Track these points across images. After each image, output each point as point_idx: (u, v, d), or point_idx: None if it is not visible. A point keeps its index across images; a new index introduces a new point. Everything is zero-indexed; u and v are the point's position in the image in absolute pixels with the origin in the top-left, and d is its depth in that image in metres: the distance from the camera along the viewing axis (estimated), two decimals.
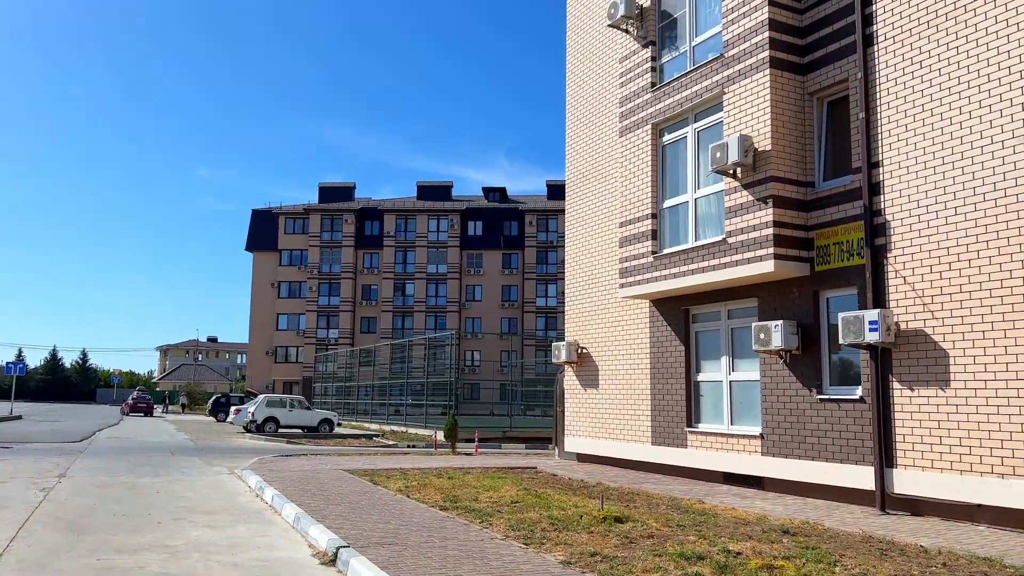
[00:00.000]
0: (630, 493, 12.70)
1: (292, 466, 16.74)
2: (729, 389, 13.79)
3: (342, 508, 10.62)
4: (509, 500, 11.41)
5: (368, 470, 15.78)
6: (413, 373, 41.44)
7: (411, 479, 14.18)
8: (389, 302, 72.32)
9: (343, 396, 51.05)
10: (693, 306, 14.62)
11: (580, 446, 17.68)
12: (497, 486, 13.06)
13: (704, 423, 14.31)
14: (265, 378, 72.59)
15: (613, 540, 8.28)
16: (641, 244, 14.87)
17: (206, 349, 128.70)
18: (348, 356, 54.20)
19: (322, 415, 33.10)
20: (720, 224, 13.34)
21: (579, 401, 17.76)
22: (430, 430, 33.50)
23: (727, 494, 12.62)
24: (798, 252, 12.20)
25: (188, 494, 12.84)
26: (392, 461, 18.28)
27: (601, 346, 17.12)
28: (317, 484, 13.38)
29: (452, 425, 22.03)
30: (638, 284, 14.86)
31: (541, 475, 15.45)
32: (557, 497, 11.83)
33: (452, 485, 13.28)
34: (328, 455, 20.20)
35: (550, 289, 71.08)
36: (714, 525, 9.47)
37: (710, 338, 14.37)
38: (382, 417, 42.09)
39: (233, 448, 24.22)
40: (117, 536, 9.00)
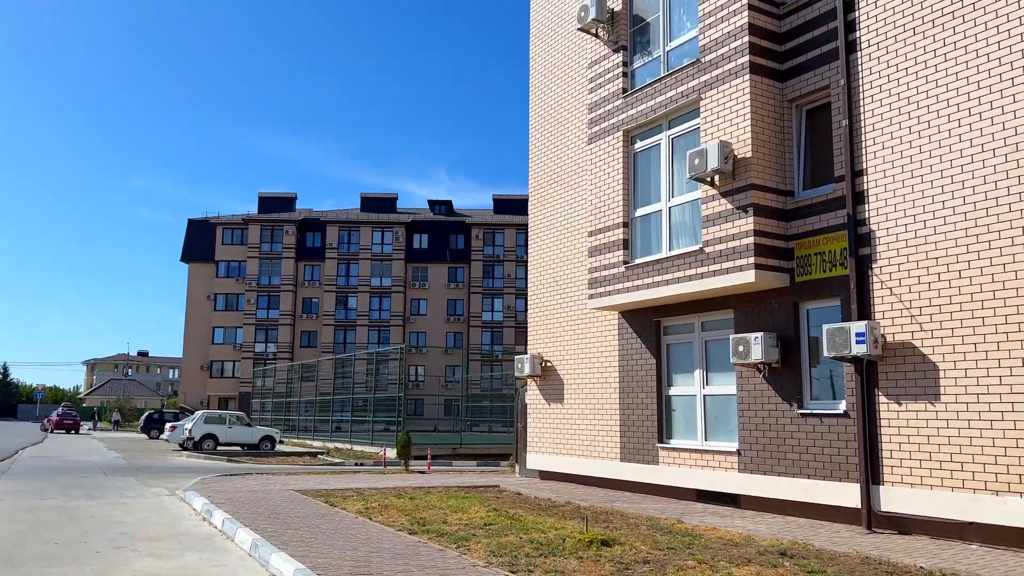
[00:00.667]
0: (603, 513, 12.13)
1: (238, 486, 15.72)
2: (703, 404, 13.36)
3: (302, 533, 9.78)
4: (481, 522, 10.72)
5: (322, 490, 14.89)
6: (357, 389, 40.33)
7: (370, 500, 13.36)
8: (331, 316, 70.74)
9: (282, 412, 49.43)
10: (665, 318, 14.19)
11: (543, 463, 17.07)
12: (464, 507, 12.35)
13: (676, 439, 13.85)
14: (200, 393, 70.11)
15: (607, 567, 7.68)
16: (612, 254, 14.40)
17: (136, 363, 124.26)
18: (288, 371, 52.60)
19: (263, 432, 31.79)
20: (696, 233, 12.95)
21: (542, 416, 17.16)
22: (377, 447, 32.47)
23: (704, 513, 12.15)
24: (778, 262, 11.86)
25: (127, 519, 11.79)
26: (344, 480, 17.38)
27: (566, 359, 16.57)
28: (269, 506, 12.47)
29: (405, 442, 21.19)
30: (608, 295, 14.37)
31: (506, 494, 14.77)
32: (531, 518, 11.18)
33: (415, 506, 12.52)
34: (274, 474, 19.16)
35: (496, 303, 70.49)
36: (704, 547, 8.95)
37: (683, 351, 13.94)
38: (324, 434, 40.78)
39: (170, 467, 22.90)
40: (53, 569, 8.02)
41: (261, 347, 69.92)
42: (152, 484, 17.20)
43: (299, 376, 48.57)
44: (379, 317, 70.87)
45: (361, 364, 48.40)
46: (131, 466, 22.81)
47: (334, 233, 71.59)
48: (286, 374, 53.30)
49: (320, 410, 43.46)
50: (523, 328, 69.79)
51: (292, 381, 50.81)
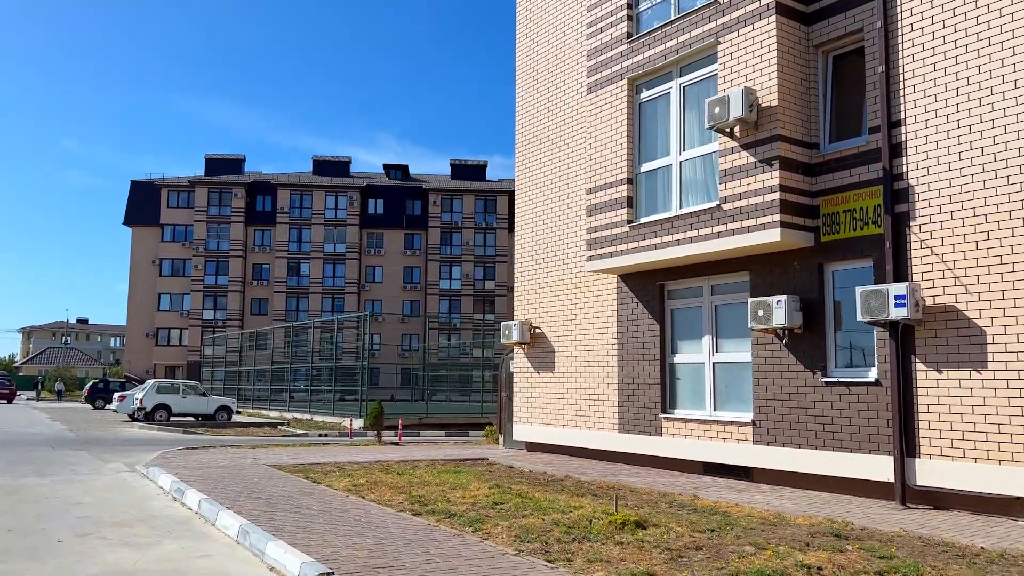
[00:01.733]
0: (611, 488, 11.29)
1: (204, 461, 14.51)
2: (712, 372, 12.57)
3: (293, 516, 8.71)
4: (488, 501, 9.78)
5: (298, 465, 13.78)
6: (312, 357, 38.94)
7: (355, 476, 12.31)
8: (282, 282, 68.67)
9: (234, 381, 47.80)
10: (670, 281, 13.32)
11: (530, 434, 16.18)
12: (462, 483, 11.38)
13: (681, 409, 13.07)
14: (145, 362, 67.65)
15: (655, 554, 6.79)
16: (614, 212, 13.44)
17: (76, 331, 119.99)
18: (239, 339, 50.86)
19: (219, 402, 30.34)
20: (711, 190, 12.06)
21: (530, 385, 16.24)
22: (339, 417, 31.31)
23: (717, 487, 11.40)
24: (803, 220, 11.05)
25: (86, 499, 10.55)
26: (318, 454, 16.27)
27: (558, 325, 15.64)
28: (247, 484, 11.33)
29: (378, 412, 20.11)
30: (609, 257, 13.43)
31: (498, 467, 13.86)
32: (539, 496, 10.27)
33: (407, 483, 11.52)
34: (239, 447, 17.93)
35: (455, 271, 69.22)
36: (746, 528, 8.15)
37: (690, 316, 13.11)
38: (280, 404, 39.38)
39: (123, 440, 21.45)
40: (7, 564, 6.83)
41: (210, 314, 67.63)
42: (107, 459, 15.85)
43: (251, 344, 46.92)
44: (333, 284, 69.07)
45: (316, 332, 46.93)
46: (80, 439, 21.30)
47: (285, 197, 69.29)
48: (237, 342, 51.60)
49: (274, 379, 41.99)
50: (482, 296, 68.86)
51: (243, 349, 49.17)
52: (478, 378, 57.17)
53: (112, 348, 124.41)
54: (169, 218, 69.12)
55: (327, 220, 69.38)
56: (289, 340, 42.70)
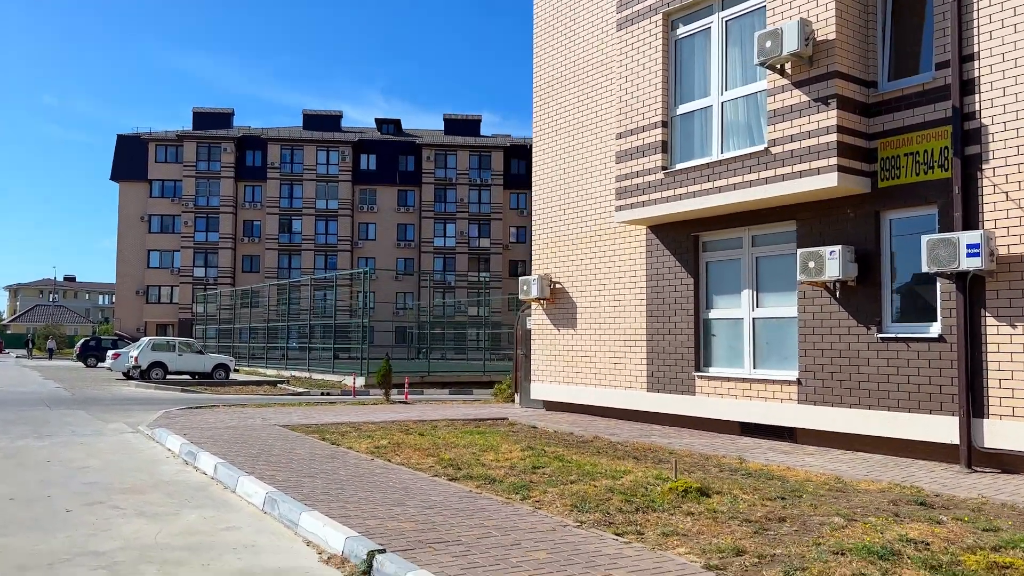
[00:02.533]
0: (648, 450, 10.66)
1: (211, 421, 13.80)
2: (752, 328, 11.88)
3: (321, 482, 8.02)
4: (526, 465, 9.11)
5: (311, 426, 13.09)
6: (308, 315, 38.18)
7: (375, 437, 11.63)
8: (274, 239, 67.50)
9: (226, 339, 47.05)
10: (706, 232, 12.56)
11: (550, 393, 15.52)
12: (491, 444, 10.72)
13: (717, 367, 12.40)
14: (136, 320, 66.66)
15: (736, 528, 6.13)
16: (646, 159, 12.61)
17: (63, 289, 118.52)
18: (232, 297, 50.00)
19: (217, 360, 29.58)
20: (755, 133, 11.24)
21: (550, 343, 15.54)
22: (338, 376, 30.66)
23: (760, 449, 10.78)
24: (860, 165, 10.26)
25: (91, 463, 9.83)
26: (328, 413, 15.58)
27: (580, 280, 14.89)
28: (262, 446, 10.63)
29: (387, 371, 19.39)
30: (641, 207, 12.63)
31: (520, 427, 13.22)
32: (577, 458, 9.62)
33: (432, 444, 10.84)
34: (244, 406, 17.23)
35: (449, 229, 68.17)
36: (814, 495, 7.52)
37: (727, 269, 12.37)
38: (277, 362, 38.70)
39: (121, 398, 20.71)
40: (12, 538, 6.10)
41: (201, 272, 66.52)
42: (107, 419, 15.11)
43: (245, 302, 46.11)
44: (325, 241, 67.97)
45: (310, 290, 46.08)
46: (76, 398, 20.54)
47: (276, 152, 67.78)
48: (229, 300, 50.77)
49: (269, 337, 41.26)
50: (477, 254, 68.00)
51: (237, 307, 48.38)
52: (474, 336, 56.84)
53: (100, 306, 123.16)
54: (157, 173, 67.58)
55: (319, 176, 68.01)
56: (284, 298, 41.90)
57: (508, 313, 62.92)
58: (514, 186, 69.15)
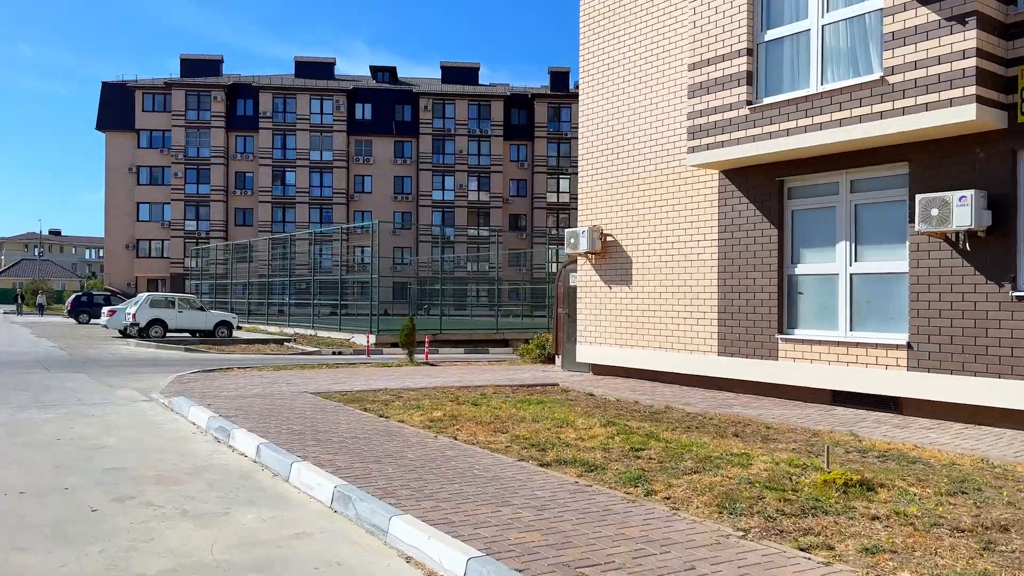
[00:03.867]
0: (737, 423, 9.41)
1: (231, 387, 12.45)
2: (848, 285, 10.54)
3: (392, 469, 6.69)
4: (620, 445, 7.82)
5: (345, 393, 11.76)
6: (318, 270, 36.72)
7: (424, 407, 10.30)
8: (267, 192, 65.46)
9: (221, 295, 45.54)
10: (792, 176, 11.13)
11: (599, 356, 14.21)
12: (562, 417, 9.41)
13: (805, 328, 11.09)
14: (126, 275, 64.83)
15: (956, 541, 4.84)
16: (727, 92, 11.12)
17: (49, 243, 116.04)
18: (225, 251, 48.38)
19: (219, 317, 28.11)
20: (864, 60, 9.77)
21: (599, 301, 14.17)
22: (345, 333, 29.31)
23: (866, 422, 9.52)
24: (997, 95, 8.84)
25: (108, 441, 8.46)
26: (356, 377, 14.24)
27: (636, 232, 13.47)
28: (302, 419, 9.28)
29: (411, 330, 18.03)
30: (721, 147, 11.18)
31: (576, 395, 11.93)
32: (674, 436, 8.35)
33: (493, 417, 9.53)
34: (261, 369, 15.86)
35: (447, 181, 66.24)
36: (994, 487, 6.25)
37: (818, 218, 10.98)
38: (278, 319, 37.28)
39: (122, 359, 19.29)
40: (31, 555, 4.72)
41: (192, 225, 64.60)
42: (114, 383, 13.72)
43: (241, 256, 44.49)
44: (320, 194, 66.01)
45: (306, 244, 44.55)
46: (75, 359, 19.10)
47: (268, 100, 65.40)
48: (224, 254, 49.17)
49: (268, 293, 39.79)
50: (476, 208, 66.30)
51: (233, 261, 46.83)
52: (475, 293, 55.52)
53: (88, 260, 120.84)
54: (145, 123, 65.16)
55: (312, 126, 65.77)
56: (283, 252, 40.37)
57: (509, 268, 61.63)
58: (514, 137, 67.22)
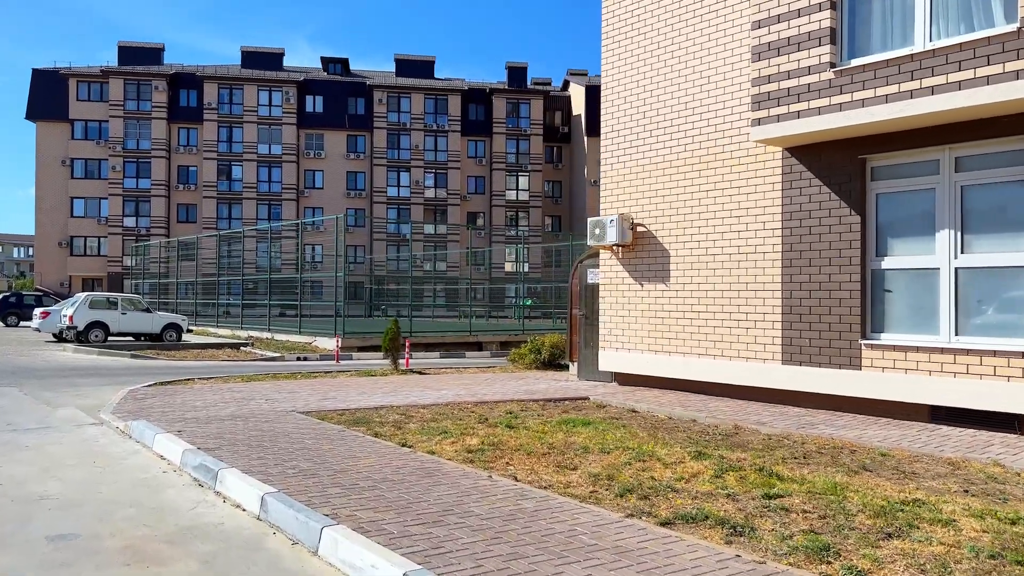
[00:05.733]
0: (840, 449, 7.71)
1: (198, 404, 10.27)
2: (952, 281, 8.92)
3: (468, 538, 4.74)
4: (745, 489, 5.99)
5: (343, 412, 9.71)
6: (279, 268, 34.19)
7: (450, 432, 8.33)
8: (212, 186, 62.12)
9: (164, 295, 42.66)
10: (878, 153, 9.47)
11: (626, 363, 12.39)
12: (638, 447, 7.54)
13: (895, 333, 9.43)
14: (59, 274, 60.80)
15: None
16: (804, 53, 9.41)
17: None
18: (169, 248, 45.41)
19: (167, 319, 25.53)
20: (986, 12, 8.14)
21: (628, 301, 12.36)
22: (307, 336, 27.01)
23: (994, 445, 7.89)
24: None
25: (51, 487, 6.30)
26: (344, 390, 12.16)
27: (674, 221, 11.69)
28: (304, 452, 7.22)
29: (395, 334, 15.94)
30: (797, 118, 9.46)
31: (618, 411, 10.09)
32: (798, 473, 6.56)
33: (544, 446, 7.63)
34: (226, 379, 13.63)
35: (403, 177, 63.79)
36: None
37: (911, 202, 9.34)
38: (229, 320, 34.69)
39: (60, 368, 16.77)
40: None
41: (131, 221, 60.95)
42: (52, 400, 11.39)
43: (186, 254, 41.61)
44: (268, 190, 62.97)
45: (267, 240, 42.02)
46: (3, 367, 16.52)
47: (213, 91, 62.11)
48: (166, 251, 46.20)
49: (217, 293, 37.10)
50: (433, 206, 64.04)
51: (177, 259, 43.95)
52: (438, 292, 53.39)
53: (16, 259, 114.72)
54: (80, 112, 61.26)
55: (260, 118, 62.72)
56: (238, 249, 37.76)
57: (468, 267, 59.57)
58: (472, 133, 65.19)
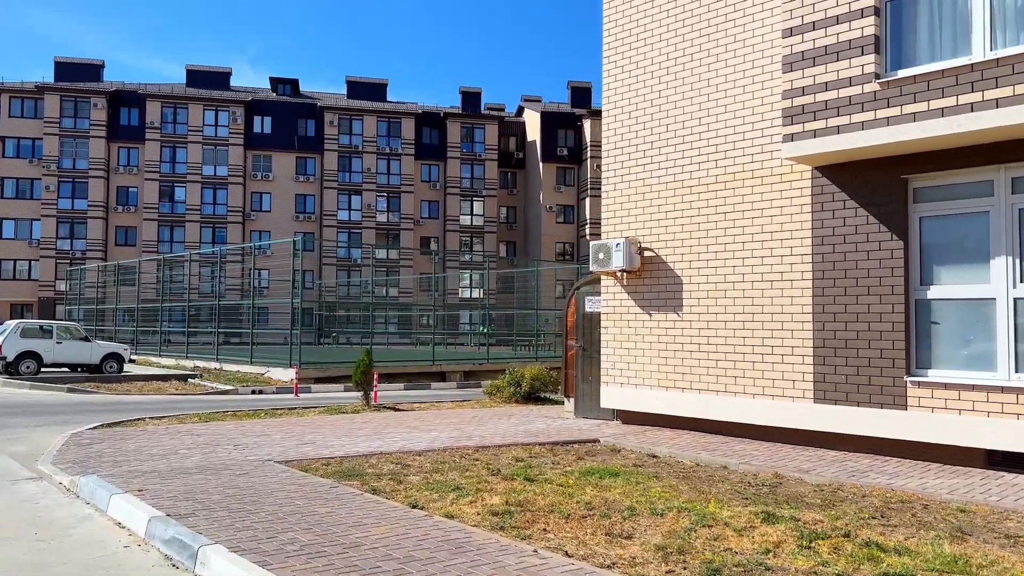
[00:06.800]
0: (898, 502, 6.79)
1: (155, 452, 8.89)
2: (1011, 312, 8.13)
3: None
4: (829, 560, 5.00)
5: (326, 461, 8.46)
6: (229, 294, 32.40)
7: (462, 487, 7.16)
8: (153, 208, 59.60)
9: (101, 322, 40.43)
10: (922, 173, 8.69)
11: (633, 400, 11.36)
12: (693, 508, 6.48)
13: (945, 369, 8.59)
14: None
15: None
16: (844, 63, 8.62)
17: None
18: (106, 272, 43.18)
19: (107, 348, 23.63)
20: None
21: (634, 332, 11.35)
22: (259, 367, 25.37)
23: None
24: None
25: None
26: (320, 432, 10.85)
27: (687, 245, 10.76)
28: (301, 519, 5.96)
29: (367, 366, 14.63)
30: (836, 134, 8.63)
31: (634, 456, 9.04)
32: (895, 540, 5.58)
33: (578, 505, 6.56)
34: (182, 419, 12.17)
35: (354, 201, 62.15)
36: None
37: (960, 227, 8.57)
38: (173, 349, 32.75)
39: None
40: None
41: (66, 244, 57.99)
42: None
43: (127, 279, 39.50)
44: (213, 212, 60.71)
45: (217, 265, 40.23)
46: None
47: (156, 110, 59.81)
48: (103, 276, 43.96)
49: (161, 319, 35.10)
50: (386, 230, 62.61)
51: (111, 284, 41.76)
52: (383, 319, 51.80)
53: None
54: (11, 129, 58.33)
55: (206, 138, 60.58)
56: (182, 273, 35.92)
57: (421, 294, 58.18)
58: (426, 157, 64.07)
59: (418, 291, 58.05)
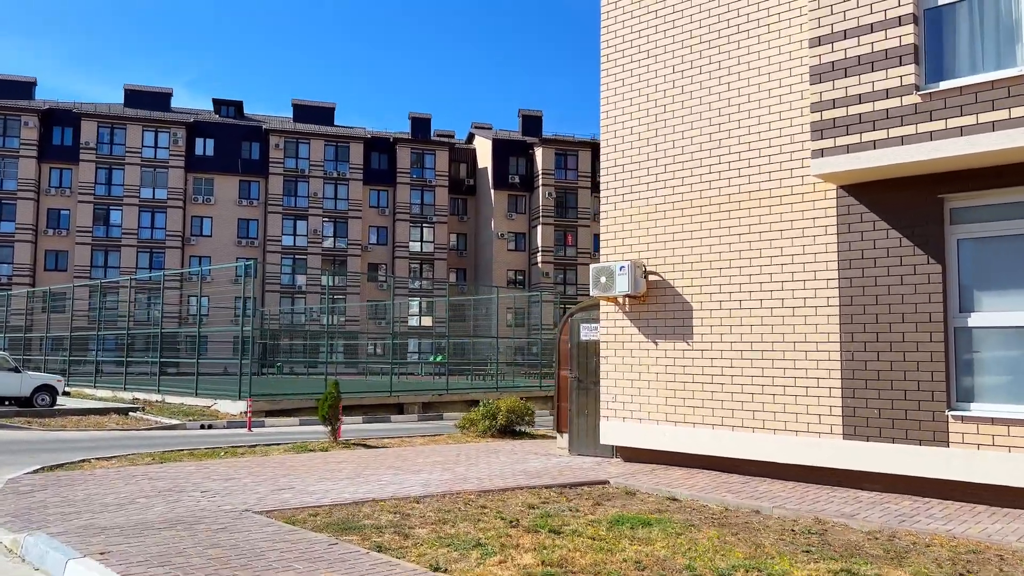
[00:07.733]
0: (968, 553, 6.12)
1: (109, 501, 7.70)
2: None
3: None
4: None
5: (314, 511, 7.39)
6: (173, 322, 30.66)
7: (484, 545, 6.20)
8: (87, 232, 56.90)
9: (25, 351, 38.08)
10: (960, 193, 8.15)
11: (635, 437, 10.53)
12: (758, 565, 5.65)
13: (989, 402, 7.99)
14: None
15: None
16: (880, 75, 8.05)
17: None
18: (35, 298, 40.92)
19: (39, 380, 21.81)
20: None
21: (637, 362, 10.55)
22: (206, 400, 23.80)
23: None
24: None
25: None
26: (291, 474, 9.74)
27: (697, 269, 10.04)
28: None
29: (335, 398, 13.48)
30: (873, 148, 8.04)
31: (653, 500, 8.19)
32: None
33: (627, 565, 5.68)
34: (133, 459, 10.89)
35: (300, 226, 60.39)
36: None
37: (1003, 250, 8.03)
38: (108, 380, 30.83)
39: None
40: None
41: None
42: None
43: (59, 305, 37.34)
44: (151, 236, 58.27)
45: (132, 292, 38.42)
46: None
47: (91, 130, 57.37)
48: (30, 302, 41.66)
49: (96, 349, 33.12)
50: (332, 256, 61.04)
51: (38, 311, 39.56)
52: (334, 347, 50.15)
53: None
54: None
55: (144, 160, 58.30)
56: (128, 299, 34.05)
57: (368, 322, 56.67)
58: (375, 182, 62.83)
59: (365, 319, 56.59)
